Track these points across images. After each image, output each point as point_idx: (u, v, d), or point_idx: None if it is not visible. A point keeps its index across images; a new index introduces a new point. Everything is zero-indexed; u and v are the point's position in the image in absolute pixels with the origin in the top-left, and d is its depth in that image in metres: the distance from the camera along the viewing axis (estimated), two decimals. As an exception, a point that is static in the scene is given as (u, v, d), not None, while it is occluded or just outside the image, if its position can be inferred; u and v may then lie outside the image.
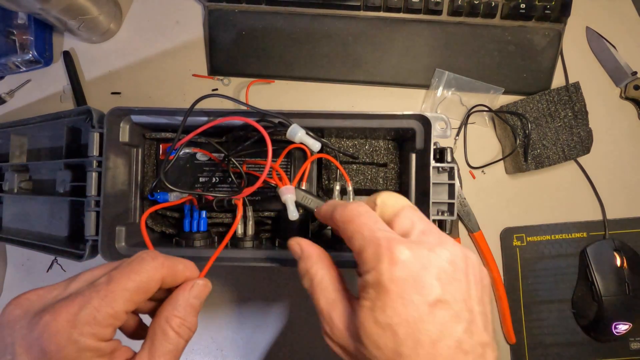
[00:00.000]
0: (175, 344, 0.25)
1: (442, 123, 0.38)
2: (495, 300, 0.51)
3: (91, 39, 0.53)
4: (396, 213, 0.27)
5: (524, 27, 0.51)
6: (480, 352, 0.22)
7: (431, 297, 0.22)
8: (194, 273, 0.29)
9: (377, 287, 0.23)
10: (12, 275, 0.53)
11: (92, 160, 0.38)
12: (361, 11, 0.51)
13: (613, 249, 0.50)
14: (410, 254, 0.23)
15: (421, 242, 0.24)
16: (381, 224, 0.25)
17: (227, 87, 0.53)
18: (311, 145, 0.36)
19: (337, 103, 0.53)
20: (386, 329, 0.22)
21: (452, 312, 0.22)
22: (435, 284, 0.22)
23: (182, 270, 0.27)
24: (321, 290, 0.27)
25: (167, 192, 0.40)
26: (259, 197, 0.43)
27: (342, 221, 0.27)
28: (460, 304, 0.22)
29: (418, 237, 0.25)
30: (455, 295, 0.23)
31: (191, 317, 0.27)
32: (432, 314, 0.22)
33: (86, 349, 0.22)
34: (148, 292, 0.25)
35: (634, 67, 0.52)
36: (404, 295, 0.22)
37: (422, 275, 0.22)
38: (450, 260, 0.23)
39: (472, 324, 0.22)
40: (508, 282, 0.51)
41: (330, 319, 0.26)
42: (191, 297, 0.27)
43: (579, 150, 0.50)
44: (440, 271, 0.23)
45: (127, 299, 0.24)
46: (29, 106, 0.54)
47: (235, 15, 0.51)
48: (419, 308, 0.22)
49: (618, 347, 0.50)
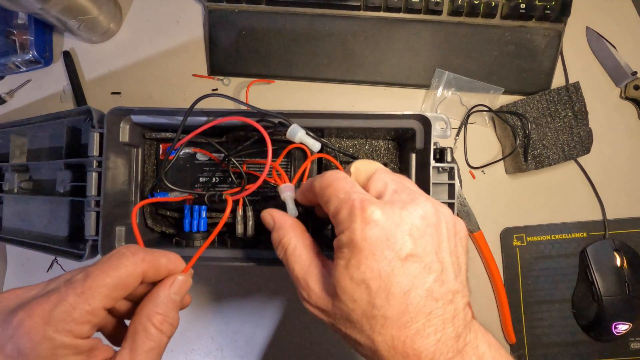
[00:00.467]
0: (157, 341, 0.25)
1: (442, 123, 0.38)
2: (495, 300, 0.51)
3: (91, 39, 0.53)
4: (369, 177, 0.28)
5: (524, 27, 0.51)
6: (450, 299, 0.24)
7: (403, 252, 0.23)
8: (179, 266, 0.28)
9: (351, 246, 0.24)
10: (12, 275, 0.53)
11: (92, 160, 0.38)
12: (361, 11, 0.51)
13: (613, 249, 0.50)
14: (381, 213, 0.24)
15: (394, 201, 0.25)
16: (357, 187, 0.26)
17: (227, 87, 0.53)
18: (311, 145, 0.36)
19: (337, 103, 0.53)
20: (360, 284, 0.23)
21: (423, 264, 0.24)
22: (407, 240, 0.24)
23: (165, 264, 0.27)
24: (295, 258, 0.28)
25: (167, 192, 0.40)
26: (259, 197, 0.43)
27: (320, 187, 0.27)
28: (431, 255, 0.24)
29: (391, 196, 0.26)
30: (426, 248, 0.24)
31: (173, 313, 0.26)
32: (403, 267, 0.23)
33: (62, 346, 0.22)
34: (127, 288, 0.25)
35: (634, 67, 0.52)
36: (376, 252, 0.23)
37: (394, 233, 0.24)
38: (422, 216, 0.24)
39: (442, 274, 0.24)
40: (508, 282, 0.51)
41: (306, 284, 0.27)
42: (172, 293, 0.26)
43: (579, 150, 0.50)
44: (412, 227, 0.24)
45: (105, 295, 0.23)
46: (29, 106, 0.54)
47: (235, 15, 0.51)
48: (390, 263, 0.23)
49: (618, 347, 0.51)
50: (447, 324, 0.23)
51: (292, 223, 0.30)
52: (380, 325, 0.23)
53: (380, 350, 0.24)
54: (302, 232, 0.29)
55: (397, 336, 0.23)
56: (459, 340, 0.24)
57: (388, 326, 0.23)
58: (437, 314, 0.23)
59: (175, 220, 0.45)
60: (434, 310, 0.23)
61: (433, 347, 0.23)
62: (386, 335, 0.23)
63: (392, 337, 0.23)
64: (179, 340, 0.51)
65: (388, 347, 0.23)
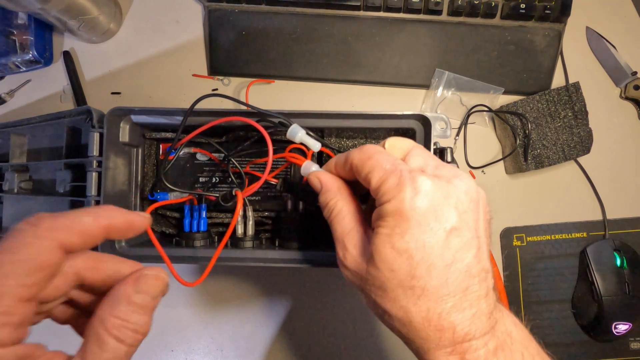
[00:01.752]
0: (113, 352, 0.19)
1: (442, 123, 0.38)
2: (495, 300, 0.51)
3: (91, 39, 0.53)
4: (407, 153, 0.28)
5: (524, 27, 0.51)
6: (484, 277, 0.24)
7: (448, 225, 0.24)
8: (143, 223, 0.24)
9: (397, 215, 0.24)
10: (12, 275, 0.53)
11: (92, 160, 0.38)
12: (361, 11, 0.51)
13: (613, 249, 0.50)
14: (431, 184, 0.24)
15: (439, 175, 0.25)
16: (399, 160, 0.26)
17: (227, 87, 0.53)
18: (311, 145, 0.36)
19: (337, 103, 0.53)
20: (402, 253, 0.23)
21: (465, 239, 0.24)
22: (452, 213, 0.24)
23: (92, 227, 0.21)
24: (339, 220, 0.28)
25: (167, 192, 0.40)
26: (259, 197, 0.43)
27: (359, 159, 0.27)
28: (472, 231, 0.24)
29: (434, 171, 0.26)
30: (468, 223, 0.24)
31: (137, 317, 0.20)
32: (447, 240, 0.23)
33: None
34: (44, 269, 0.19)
35: (634, 67, 0.52)
36: (423, 222, 0.23)
37: (442, 205, 0.24)
38: (465, 191, 0.25)
39: (479, 251, 0.24)
40: (508, 282, 0.51)
41: (344, 245, 0.27)
42: (135, 292, 0.21)
43: (579, 150, 0.50)
44: (457, 201, 0.24)
45: (13, 287, 0.18)
46: (29, 106, 0.54)
47: (235, 15, 0.51)
48: (436, 234, 0.23)
49: (618, 347, 0.50)
50: (481, 300, 0.24)
51: (339, 185, 0.30)
52: (417, 296, 0.23)
53: (414, 322, 0.24)
54: (349, 196, 0.29)
55: (432, 308, 0.23)
56: (491, 317, 0.24)
57: (425, 297, 0.23)
58: (473, 290, 0.24)
59: (176, 220, 0.45)
60: (470, 286, 0.24)
61: (468, 321, 0.23)
62: (422, 307, 0.23)
63: (428, 309, 0.23)
64: (179, 340, 0.51)
65: (422, 319, 0.24)
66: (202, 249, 0.39)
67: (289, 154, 0.37)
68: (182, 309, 0.51)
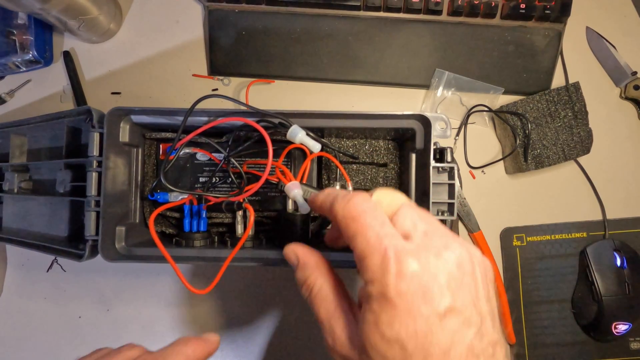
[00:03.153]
0: None
1: (442, 123, 0.38)
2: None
3: (91, 39, 0.53)
4: (394, 211, 0.25)
5: (524, 27, 0.51)
6: (490, 352, 0.22)
7: (441, 307, 0.21)
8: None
9: (382, 301, 0.22)
10: (12, 275, 0.53)
11: (92, 160, 0.38)
12: (361, 11, 0.51)
13: (613, 249, 0.50)
14: (418, 265, 0.22)
15: (427, 247, 0.23)
16: (387, 227, 0.24)
17: (227, 87, 0.53)
18: (312, 146, 0.36)
19: (337, 103, 0.53)
20: (394, 343, 0.21)
21: (463, 318, 0.21)
22: (445, 293, 0.21)
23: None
24: (320, 300, 0.26)
25: (167, 192, 0.40)
26: (259, 197, 0.43)
27: (343, 216, 0.25)
28: (470, 308, 0.22)
29: (421, 239, 0.23)
30: (465, 300, 0.22)
31: None
32: (442, 324, 0.21)
33: None
34: None
35: (634, 67, 0.52)
36: (412, 308, 0.21)
37: (431, 286, 0.21)
38: (457, 263, 0.22)
39: (482, 326, 0.22)
40: (508, 282, 0.51)
41: (332, 330, 0.25)
42: None
43: (579, 150, 0.50)
44: (449, 278, 0.22)
45: None
46: (29, 106, 0.54)
47: (235, 15, 0.51)
48: (428, 320, 0.21)
49: (618, 347, 0.50)
50: None
51: (316, 260, 0.28)
52: None
53: None
54: (328, 271, 0.27)
55: None
56: None
57: None
58: None
59: (176, 220, 0.45)
60: None
61: None
62: None
63: None
64: (179, 340, 0.51)
65: None
66: (202, 249, 0.39)
67: (277, 170, 0.38)
68: (181, 309, 0.51)
